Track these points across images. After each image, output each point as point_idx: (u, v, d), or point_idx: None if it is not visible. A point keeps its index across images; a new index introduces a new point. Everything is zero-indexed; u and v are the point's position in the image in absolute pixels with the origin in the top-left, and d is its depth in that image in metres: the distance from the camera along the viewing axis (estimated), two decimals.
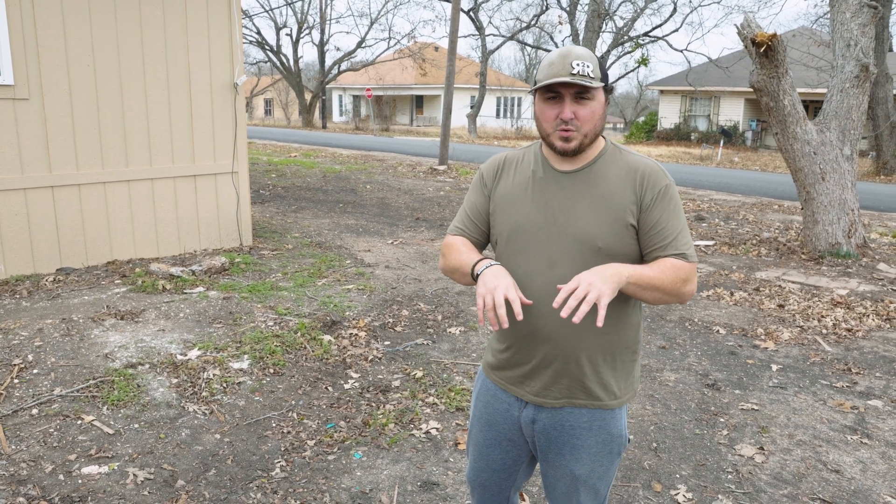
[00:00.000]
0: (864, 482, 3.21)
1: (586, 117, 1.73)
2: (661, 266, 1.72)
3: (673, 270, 1.71)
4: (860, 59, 7.72)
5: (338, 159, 18.55)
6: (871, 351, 4.95)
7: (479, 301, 1.66)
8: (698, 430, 3.69)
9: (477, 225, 1.94)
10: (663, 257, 1.75)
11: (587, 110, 1.72)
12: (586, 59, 1.70)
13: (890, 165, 19.25)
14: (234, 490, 2.98)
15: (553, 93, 1.73)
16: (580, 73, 1.68)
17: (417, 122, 47.01)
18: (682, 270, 1.72)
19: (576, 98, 1.72)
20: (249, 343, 4.54)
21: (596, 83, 1.69)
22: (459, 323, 5.21)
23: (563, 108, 1.72)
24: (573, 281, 1.58)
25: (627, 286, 1.66)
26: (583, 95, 1.71)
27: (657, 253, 1.75)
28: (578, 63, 1.69)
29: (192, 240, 6.90)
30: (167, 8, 6.34)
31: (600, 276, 1.59)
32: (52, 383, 3.86)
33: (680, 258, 1.74)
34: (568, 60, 1.69)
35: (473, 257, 1.83)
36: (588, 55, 1.72)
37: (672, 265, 1.72)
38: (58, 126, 5.85)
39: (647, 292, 1.69)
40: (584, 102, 1.72)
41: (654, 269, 1.70)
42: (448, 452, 3.36)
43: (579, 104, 1.72)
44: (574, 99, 1.72)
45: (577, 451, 1.86)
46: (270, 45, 38.77)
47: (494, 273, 1.70)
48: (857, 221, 7.85)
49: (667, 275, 1.70)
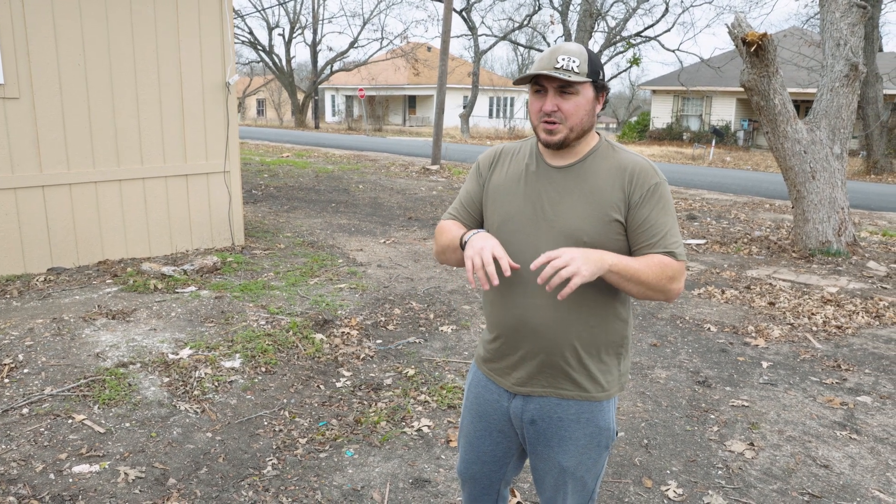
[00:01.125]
0: (853, 477, 3.24)
1: (570, 111, 1.75)
2: (648, 261, 1.73)
3: (659, 267, 1.72)
4: (850, 58, 7.77)
5: (330, 159, 18.53)
6: (860, 348, 4.98)
7: (467, 263, 1.69)
8: (689, 426, 3.71)
9: (470, 213, 1.98)
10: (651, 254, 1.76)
11: (570, 104, 1.75)
12: (574, 54, 1.73)
13: (880, 165, 19.37)
14: (226, 488, 2.98)
15: (539, 86, 1.78)
16: (563, 68, 1.71)
17: (410, 122, 46.98)
18: (668, 268, 1.73)
19: (559, 92, 1.75)
20: (241, 342, 4.54)
21: (578, 77, 1.71)
22: (451, 321, 5.21)
23: (546, 100, 1.76)
24: (557, 251, 1.62)
25: (609, 274, 1.67)
26: (565, 90, 1.74)
27: (645, 251, 1.77)
28: (564, 58, 1.72)
29: (184, 239, 6.89)
30: (158, 7, 6.32)
31: (583, 255, 1.61)
32: (43, 382, 3.85)
33: (668, 256, 1.75)
34: (555, 55, 1.74)
35: (462, 232, 1.89)
36: (577, 51, 1.75)
37: (659, 261, 1.73)
38: (48, 125, 5.83)
39: (630, 284, 1.70)
40: (567, 97, 1.75)
41: (640, 263, 1.71)
42: (440, 450, 3.36)
43: (563, 98, 1.75)
44: (557, 93, 1.75)
45: (564, 443, 1.88)
46: (263, 45, 38.70)
47: (481, 237, 1.74)
48: (847, 220, 7.90)
49: (652, 269, 1.71)
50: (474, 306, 5.60)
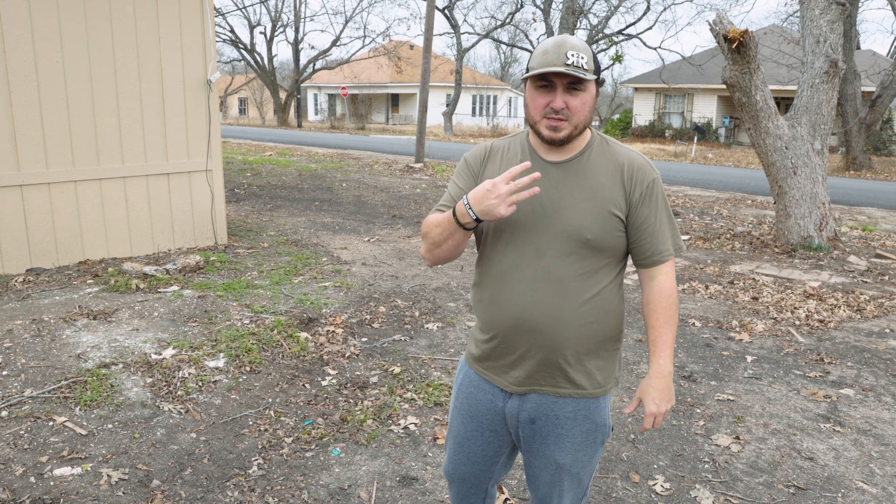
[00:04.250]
0: (837, 469, 3.26)
1: (577, 108, 1.72)
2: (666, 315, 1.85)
3: (671, 308, 1.85)
4: (829, 54, 7.84)
5: (313, 158, 18.43)
6: (842, 341, 5.03)
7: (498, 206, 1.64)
8: (675, 421, 3.72)
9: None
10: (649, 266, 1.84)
11: (578, 101, 1.71)
12: (581, 50, 1.69)
13: (859, 161, 19.61)
14: (211, 489, 2.94)
15: (546, 81, 1.71)
16: (574, 64, 1.67)
17: (393, 120, 46.87)
18: (671, 295, 1.85)
19: (568, 88, 1.71)
20: (225, 341, 4.50)
21: (590, 75, 1.69)
22: (437, 319, 5.20)
23: (555, 97, 1.71)
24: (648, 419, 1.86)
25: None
26: (575, 86, 1.70)
27: (648, 259, 1.83)
28: (573, 53, 1.67)
29: (167, 238, 6.82)
30: (138, 5, 6.24)
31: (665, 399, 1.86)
32: (23, 384, 3.78)
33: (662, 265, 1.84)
34: (563, 50, 1.68)
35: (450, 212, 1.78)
36: (583, 46, 1.71)
37: (667, 304, 1.84)
38: (26, 124, 5.73)
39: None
40: (575, 93, 1.71)
41: (667, 327, 1.85)
42: (427, 447, 3.35)
43: (571, 95, 1.71)
44: (566, 89, 1.71)
45: (561, 441, 1.86)
46: (244, 43, 38.44)
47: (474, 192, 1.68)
48: (828, 215, 7.98)
49: (673, 317, 1.85)
50: (459, 303, 5.58)
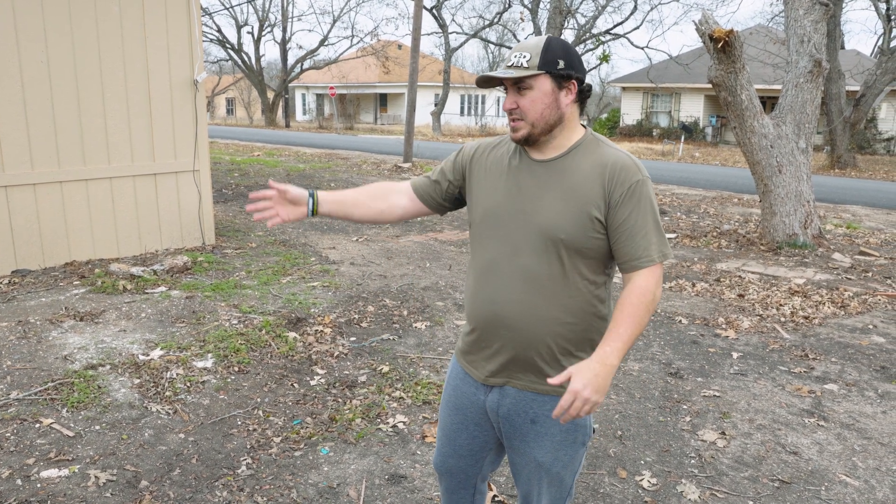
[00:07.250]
0: (821, 463, 3.30)
1: (527, 106, 1.74)
2: (630, 310, 1.68)
3: (640, 304, 1.68)
4: (813, 54, 7.91)
5: (301, 158, 18.39)
6: (826, 337, 5.08)
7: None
8: (662, 417, 3.75)
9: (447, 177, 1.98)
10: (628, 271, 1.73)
11: (526, 100, 1.74)
12: (527, 49, 1.73)
13: (843, 159, 19.78)
14: (200, 489, 2.94)
15: (503, 84, 1.78)
16: (514, 65, 1.72)
17: (381, 120, 46.81)
18: (646, 293, 1.69)
19: (516, 89, 1.75)
20: (213, 342, 4.49)
21: (523, 72, 1.70)
22: (425, 318, 5.21)
23: (507, 99, 1.77)
24: (568, 395, 1.58)
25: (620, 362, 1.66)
26: (521, 85, 1.74)
27: (627, 263, 1.73)
28: (517, 55, 1.73)
29: (154, 239, 6.79)
30: (123, 4, 6.21)
31: (593, 388, 1.58)
32: (9, 387, 3.76)
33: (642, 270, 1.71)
34: (512, 53, 1.74)
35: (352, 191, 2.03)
36: (532, 44, 1.73)
37: (637, 299, 1.69)
38: (11, 124, 5.69)
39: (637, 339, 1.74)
40: (524, 92, 1.74)
41: (628, 322, 1.67)
42: (415, 446, 3.36)
43: (520, 94, 1.74)
44: (515, 90, 1.75)
45: (540, 439, 1.87)
46: (231, 43, 38.25)
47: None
48: (812, 213, 8.05)
49: (638, 313, 1.68)
50: (448, 303, 5.60)
